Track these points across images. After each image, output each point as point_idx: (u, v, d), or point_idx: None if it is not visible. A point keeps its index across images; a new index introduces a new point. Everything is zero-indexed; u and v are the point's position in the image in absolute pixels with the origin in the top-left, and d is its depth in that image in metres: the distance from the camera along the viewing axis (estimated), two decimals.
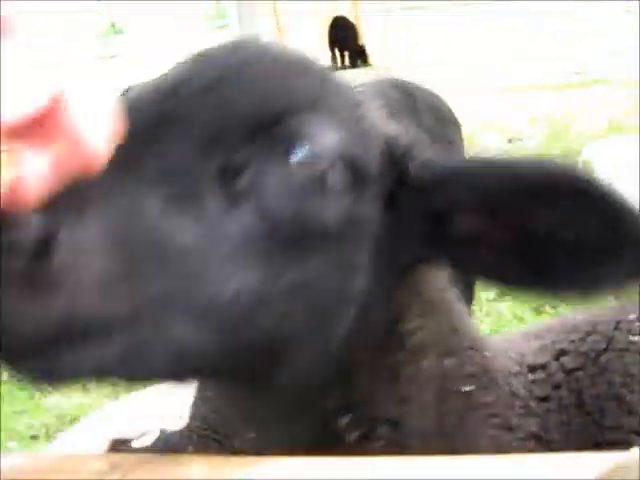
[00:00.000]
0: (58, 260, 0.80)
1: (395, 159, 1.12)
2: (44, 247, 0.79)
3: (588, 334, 1.39)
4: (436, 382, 1.19)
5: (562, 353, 1.38)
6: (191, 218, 0.93)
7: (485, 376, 1.26)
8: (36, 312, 0.79)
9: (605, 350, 1.36)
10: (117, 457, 0.91)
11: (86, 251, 0.83)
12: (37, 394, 4.29)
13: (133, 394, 3.83)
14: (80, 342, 0.83)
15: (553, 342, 1.41)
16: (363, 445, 1.11)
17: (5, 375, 0.85)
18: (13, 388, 4.27)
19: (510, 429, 1.25)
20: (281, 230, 0.97)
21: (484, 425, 1.23)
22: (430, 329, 1.19)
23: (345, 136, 1.03)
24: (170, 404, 3.33)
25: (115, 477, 0.83)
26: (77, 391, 4.24)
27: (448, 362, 1.21)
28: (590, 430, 1.29)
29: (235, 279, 0.94)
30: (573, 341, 1.39)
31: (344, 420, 1.11)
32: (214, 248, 0.94)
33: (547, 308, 4.57)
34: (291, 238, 0.98)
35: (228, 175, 0.97)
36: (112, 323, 0.85)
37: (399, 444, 1.13)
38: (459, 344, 1.25)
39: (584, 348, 1.37)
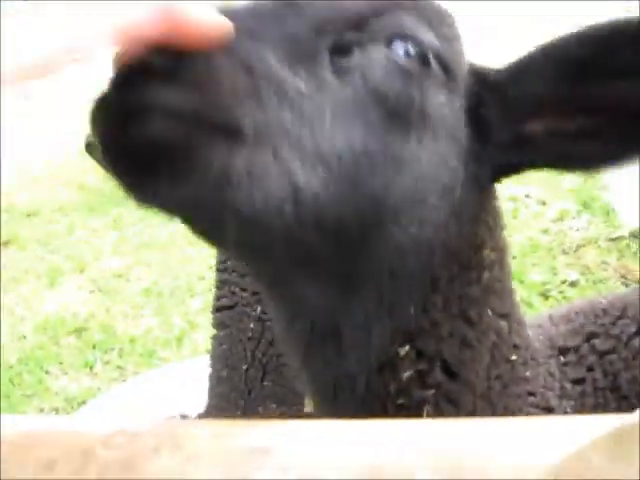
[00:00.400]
0: (196, 71, 0.87)
1: (477, 75, 1.19)
2: (184, 64, 0.86)
3: (618, 318, 1.39)
4: (492, 339, 1.20)
5: (592, 336, 1.38)
6: (307, 73, 1.00)
7: (527, 350, 1.26)
8: (175, 97, 0.85)
9: (637, 334, 1.35)
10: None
11: (219, 70, 0.90)
12: (46, 378, 4.28)
13: (140, 378, 3.84)
14: (210, 137, 0.88)
15: (582, 325, 1.40)
16: (414, 393, 1.13)
17: (14, 358, 0.82)
18: (22, 372, 4.27)
19: (549, 410, 1.24)
20: (385, 104, 1.04)
21: (523, 403, 1.22)
22: (496, 274, 1.23)
23: (438, 38, 1.12)
24: (176, 389, 3.35)
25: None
26: (85, 374, 4.28)
27: (503, 323, 1.22)
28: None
29: (343, 136, 1.00)
30: (603, 324, 1.39)
31: (404, 350, 1.13)
32: (326, 102, 1.01)
33: (554, 293, 4.57)
34: (394, 114, 1.05)
35: (338, 52, 1.05)
36: (239, 132, 0.90)
37: (449, 398, 1.14)
38: (512, 306, 1.26)
39: (615, 331, 1.37)
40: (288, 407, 2.18)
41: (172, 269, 5.22)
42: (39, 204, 6.57)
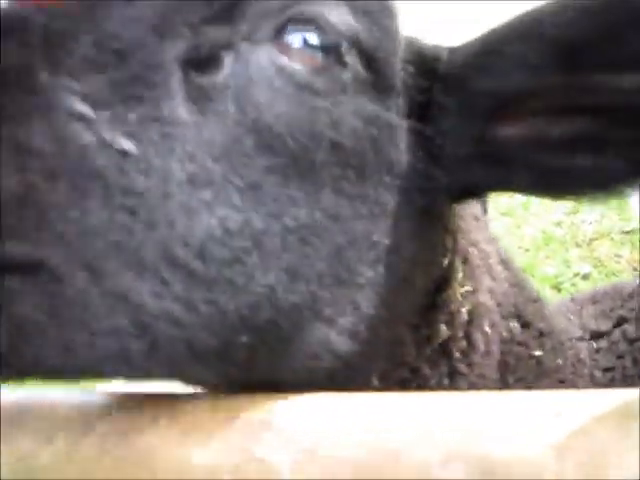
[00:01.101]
0: None
1: (424, 65, 0.86)
2: None
3: None
4: (495, 354, 1.02)
5: (622, 320, 1.33)
6: (139, 117, 0.65)
7: (552, 335, 1.14)
8: None
9: None
10: None
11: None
12: None
13: None
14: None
15: (611, 308, 1.36)
16: None
17: None
18: None
19: None
20: (278, 144, 0.71)
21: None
22: (484, 292, 1.00)
23: (359, 20, 0.77)
24: None
25: None
26: None
27: (513, 325, 1.06)
28: None
29: (211, 211, 0.67)
30: (632, 309, 1.35)
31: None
32: (180, 162, 0.67)
33: (567, 286, 4.55)
34: (292, 156, 0.72)
35: (195, 65, 0.70)
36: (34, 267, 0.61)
37: None
38: (524, 299, 1.10)
39: None
40: None
41: None
42: None
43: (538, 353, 1.09)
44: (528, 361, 1.08)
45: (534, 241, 4.80)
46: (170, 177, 0.66)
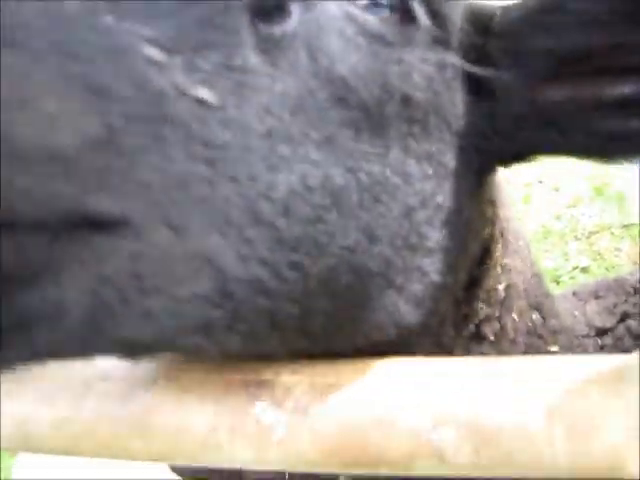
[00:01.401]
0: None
1: (480, 23, 0.84)
2: None
3: None
4: (520, 345, 1.00)
5: (626, 316, 1.32)
6: (212, 65, 0.61)
7: (564, 333, 1.11)
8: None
9: None
10: None
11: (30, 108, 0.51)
12: None
13: None
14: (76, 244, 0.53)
15: (615, 304, 1.35)
16: None
17: None
18: None
19: None
20: (351, 96, 0.69)
21: None
22: (517, 276, 0.98)
23: None
24: None
25: None
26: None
27: (535, 316, 1.02)
28: None
29: (291, 165, 0.65)
30: (636, 304, 1.33)
31: None
32: (257, 114, 0.63)
33: (565, 279, 4.56)
34: (365, 108, 0.70)
35: (262, 13, 0.66)
36: (116, 223, 0.54)
37: None
38: (542, 289, 1.06)
39: None
40: None
41: None
42: None
43: (554, 349, 1.05)
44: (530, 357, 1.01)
45: (534, 234, 4.81)
46: (249, 130, 0.63)
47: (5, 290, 0.50)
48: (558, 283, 4.66)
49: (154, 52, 0.58)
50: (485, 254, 0.94)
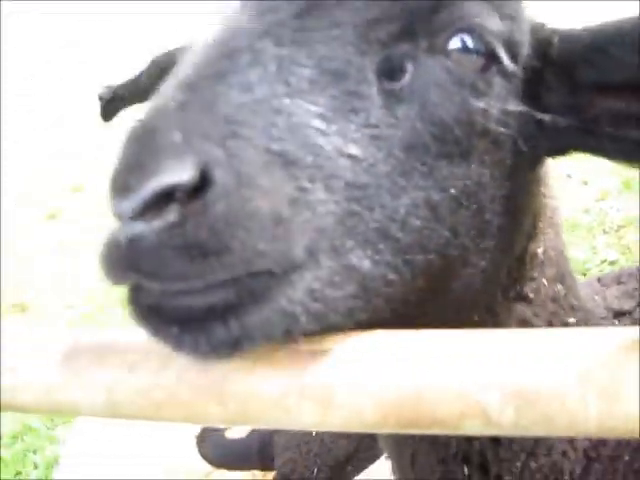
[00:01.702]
0: (219, 204, 0.71)
1: (539, 49, 1.02)
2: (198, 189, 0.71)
3: None
4: (549, 309, 1.17)
5: None
6: (356, 126, 0.83)
7: (584, 312, 1.23)
8: (205, 276, 0.73)
9: None
10: None
11: (247, 184, 0.72)
12: None
13: None
14: (261, 296, 0.75)
15: (635, 288, 1.40)
16: None
17: None
18: None
19: None
20: (447, 132, 0.90)
21: None
22: (551, 245, 1.17)
23: (505, 19, 0.95)
24: None
25: None
26: None
27: (559, 287, 1.19)
28: None
29: (406, 193, 0.88)
30: None
31: None
32: (384, 158, 0.85)
33: (593, 272, 4.56)
34: (455, 140, 0.92)
35: (387, 72, 0.88)
36: (291, 263, 0.76)
37: None
38: (567, 267, 1.22)
39: None
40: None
41: None
42: None
43: (572, 320, 1.20)
44: (564, 327, 1.17)
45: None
46: (379, 171, 0.85)
47: (237, 311, 0.75)
48: (585, 276, 4.67)
49: (319, 124, 0.79)
50: (533, 226, 1.14)
